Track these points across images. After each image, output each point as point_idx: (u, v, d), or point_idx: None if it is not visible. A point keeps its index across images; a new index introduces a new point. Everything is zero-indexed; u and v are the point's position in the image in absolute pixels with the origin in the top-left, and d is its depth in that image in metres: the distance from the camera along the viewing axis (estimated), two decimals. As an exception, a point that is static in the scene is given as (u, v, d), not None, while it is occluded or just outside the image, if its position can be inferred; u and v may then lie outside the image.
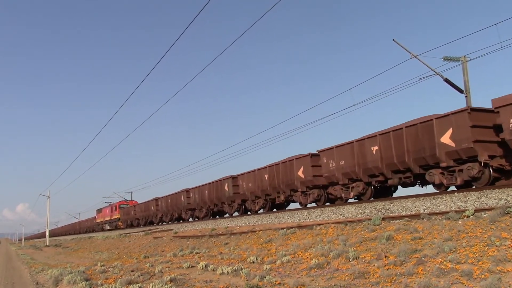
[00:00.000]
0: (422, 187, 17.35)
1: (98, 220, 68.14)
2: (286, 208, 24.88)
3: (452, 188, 15.53)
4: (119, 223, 56.02)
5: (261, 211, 26.11)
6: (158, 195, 51.24)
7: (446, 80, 20.64)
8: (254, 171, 25.74)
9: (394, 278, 7.23)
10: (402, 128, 16.22)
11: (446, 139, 14.63)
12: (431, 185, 16.10)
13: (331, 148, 19.60)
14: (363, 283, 7.35)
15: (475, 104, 20.71)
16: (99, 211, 67.78)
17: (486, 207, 10.79)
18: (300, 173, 21.61)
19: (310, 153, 20.97)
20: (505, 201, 10.90)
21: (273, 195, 24.19)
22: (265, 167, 24.71)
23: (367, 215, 14.08)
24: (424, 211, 12.31)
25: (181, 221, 38.12)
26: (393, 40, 21.31)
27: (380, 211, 14.15)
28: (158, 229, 33.73)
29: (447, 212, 10.98)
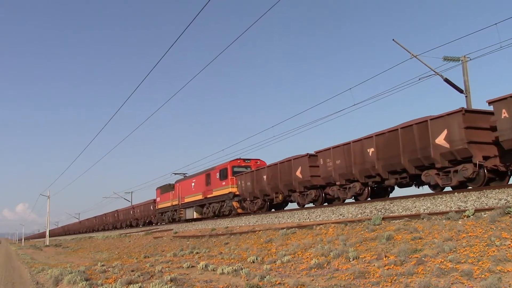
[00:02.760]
0: None
1: (163, 205, 38.75)
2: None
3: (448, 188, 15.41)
4: (235, 204, 27.57)
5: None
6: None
7: (446, 80, 20.63)
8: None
9: (394, 278, 7.24)
10: None
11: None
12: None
13: None
14: (363, 283, 7.35)
15: (475, 103, 20.63)
16: (168, 188, 38.15)
17: (486, 207, 10.79)
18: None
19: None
20: (505, 201, 10.90)
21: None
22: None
23: (367, 215, 14.09)
24: (424, 211, 12.31)
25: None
26: (393, 40, 21.30)
27: (380, 211, 14.15)
28: (158, 229, 33.74)
29: (447, 212, 10.98)
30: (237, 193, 27.00)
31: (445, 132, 14.41)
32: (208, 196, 30.60)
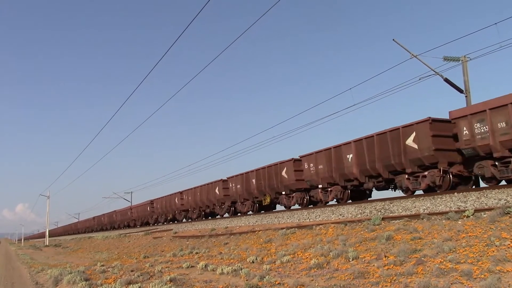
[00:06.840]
0: None
1: None
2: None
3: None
4: None
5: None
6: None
7: (446, 80, 20.62)
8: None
9: (394, 278, 7.23)
10: None
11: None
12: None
13: None
14: (362, 283, 7.35)
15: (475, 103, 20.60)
16: None
17: (486, 207, 10.79)
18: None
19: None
20: (505, 201, 10.91)
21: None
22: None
23: (367, 215, 14.08)
24: (424, 211, 12.31)
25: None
26: (393, 40, 21.27)
27: (380, 211, 14.15)
28: (158, 229, 33.76)
29: (446, 212, 10.98)
30: None
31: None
32: None
